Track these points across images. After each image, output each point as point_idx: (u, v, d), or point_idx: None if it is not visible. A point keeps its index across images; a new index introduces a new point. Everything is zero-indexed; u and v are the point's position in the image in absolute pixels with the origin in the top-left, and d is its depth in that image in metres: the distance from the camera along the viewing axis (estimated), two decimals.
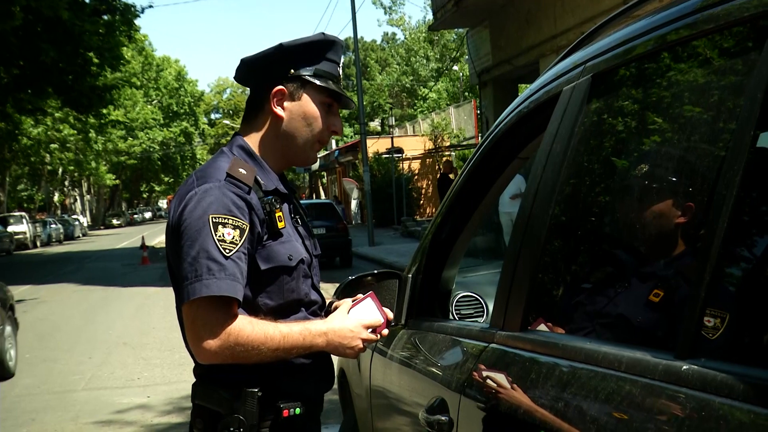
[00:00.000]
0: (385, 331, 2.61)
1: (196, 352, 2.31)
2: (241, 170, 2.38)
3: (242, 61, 2.55)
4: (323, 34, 2.55)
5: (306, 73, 2.50)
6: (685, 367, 1.43)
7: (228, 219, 2.28)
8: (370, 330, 2.54)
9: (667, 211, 1.96)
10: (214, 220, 2.27)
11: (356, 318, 2.53)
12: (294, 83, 2.50)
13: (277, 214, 2.42)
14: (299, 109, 2.51)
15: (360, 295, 2.67)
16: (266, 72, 2.52)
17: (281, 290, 2.45)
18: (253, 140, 2.54)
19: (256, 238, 2.37)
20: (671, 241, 1.99)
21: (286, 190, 2.56)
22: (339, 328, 2.46)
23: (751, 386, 1.28)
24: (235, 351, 2.27)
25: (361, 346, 2.52)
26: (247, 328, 2.28)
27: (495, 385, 2.18)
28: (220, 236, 2.26)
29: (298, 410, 2.47)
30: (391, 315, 2.67)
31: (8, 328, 10.20)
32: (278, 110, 2.50)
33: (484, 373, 2.27)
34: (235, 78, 2.64)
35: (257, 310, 2.40)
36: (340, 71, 2.60)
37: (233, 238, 2.27)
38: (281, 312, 2.46)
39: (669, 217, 1.96)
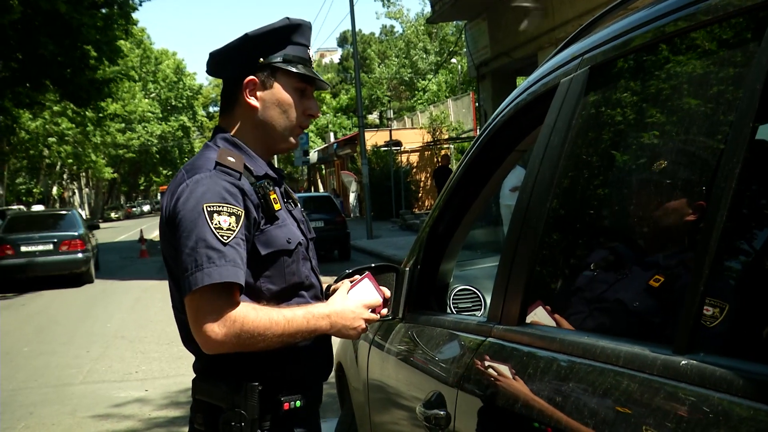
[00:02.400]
0: (384, 310, 2.63)
1: (202, 342, 2.29)
2: (229, 158, 2.37)
3: (210, 54, 2.55)
4: (288, 18, 2.53)
5: (275, 60, 2.48)
6: (683, 362, 1.42)
7: (222, 206, 2.28)
8: (370, 310, 2.55)
9: (664, 204, 1.95)
10: (208, 209, 2.26)
11: (356, 299, 2.54)
12: (264, 72, 2.48)
13: (271, 196, 2.42)
14: (272, 98, 2.50)
15: (357, 276, 2.68)
16: (235, 63, 2.51)
17: (282, 274, 2.45)
18: (233, 130, 2.53)
19: (252, 224, 2.36)
20: (669, 233, 1.98)
21: (275, 175, 2.55)
22: (341, 309, 2.46)
23: (750, 381, 1.27)
24: (241, 338, 2.26)
25: (364, 326, 2.52)
26: (252, 314, 2.27)
27: (492, 379, 2.17)
28: (216, 224, 2.25)
29: (298, 403, 2.48)
30: (388, 293, 2.69)
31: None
32: (251, 101, 2.49)
33: (482, 367, 2.26)
34: (207, 71, 2.63)
35: (260, 295, 2.40)
36: (311, 53, 2.58)
37: (229, 224, 2.27)
38: (283, 296, 2.46)
39: (666, 210, 1.94)
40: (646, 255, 2.09)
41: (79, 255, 20.51)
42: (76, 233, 20.92)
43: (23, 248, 20.16)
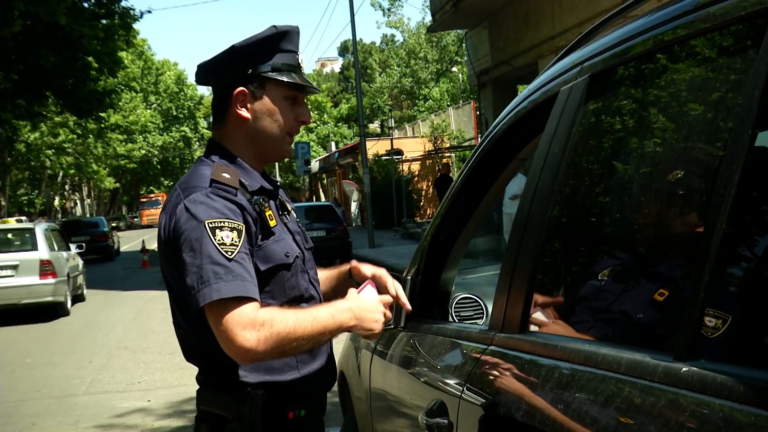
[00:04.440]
0: (387, 313, 2.60)
1: (236, 354, 2.21)
2: (224, 174, 2.36)
3: (198, 66, 2.53)
4: (274, 26, 2.51)
5: (264, 70, 2.47)
6: (684, 368, 1.42)
7: (224, 222, 2.26)
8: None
9: (665, 212, 1.95)
10: (210, 226, 2.25)
11: (372, 297, 2.52)
12: (254, 83, 2.47)
13: (267, 213, 2.41)
14: (263, 108, 2.48)
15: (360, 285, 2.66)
16: (225, 74, 2.49)
17: (282, 288, 2.44)
18: (226, 143, 2.52)
19: (253, 238, 2.36)
20: (669, 241, 1.98)
21: (270, 186, 2.54)
22: (361, 303, 2.45)
23: (751, 388, 1.27)
24: (275, 340, 2.19)
25: (383, 319, 2.49)
26: (277, 315, 2.23)
27: (494, 387, 2.17)
28: (219, 240, 2.23)
29: (302, 412, 2.47)
30: (393, 294, 2.66)
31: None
32: (243, 112, 2.47)
33: (484, 376, 2.26)
34: (196, 81, 2.62)
35: None
36: (300, 58, 2.56)
37: (232, 240, 2.25)
38: None
39: (667, 217, 1.95)
40: (647, 263, 2.10)
41: (105, 243, 35.46)
42: (104, 230, 36.22)
43: (73, 239, 26.04)
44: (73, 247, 19.24)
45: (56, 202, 69.16)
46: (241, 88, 2.46)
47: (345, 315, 2.39)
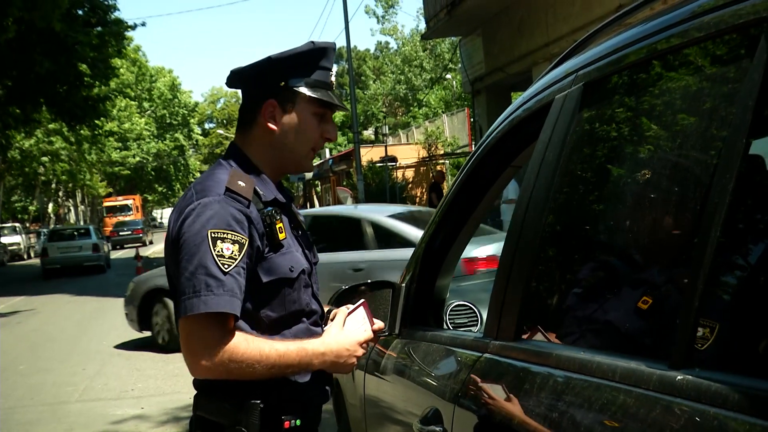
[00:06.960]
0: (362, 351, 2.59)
1: (191, 368, 2.29)
2: (240, 183, 2.36)
3: (232, 71, 2.52)
4: (313, 43, 2.50)
5: (297, 84, 2.46)
6: (679, 377, 1.43)
7: (227, 234, 2.26)
8: (364, 345, 2.54)
9: (659, 219, 1.95)
10: (213, 235, 2.25)
11: (351, 336, 2.51)
12: (285, 95, 2.46)
13: (277, 225, 2.40)
14: (291, 122, 2.48)
15: (351, 306, 2.65)
16: (257, 84, 2.49)
17: (283, 302, 2.43)
18: (248, 150, 2.52)
19: (255, 252, 2.35)
20: (664, 249, 1.98)
21: (284, 199, 2.54)
22: (337, 348, 2.44)
23: (746, 396, 1.28)
24: (229, 368, 2.25)
25: (355, 362, 2.51)
26: (242, 345, 2.26)
27: (488, 395, 2.17)
28: (218, 251, 2.24)
29: (298, 421, 2.46)
30: (381, 325, 2.67)
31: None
32: (270, 124, 2.47)
33: (478, 384, 2.26)
34: (226, 84, 2.62)
35: (259, 322, 2.39)
36: (333, 77, 2.57)
37: (232, 253, 2.25)
38: (283, 323, 2.44)
39: (661, 225, 1.95)
40: (642, 270, 2.10)
41: (140, 236, 52.33)
42: (139, 227, 54.13)
43: (120, 233, 48.87)
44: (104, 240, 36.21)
45: (50, 208, 68.99)
46: (272, 100, 2.46)
47: (314, 360, 2.41)
